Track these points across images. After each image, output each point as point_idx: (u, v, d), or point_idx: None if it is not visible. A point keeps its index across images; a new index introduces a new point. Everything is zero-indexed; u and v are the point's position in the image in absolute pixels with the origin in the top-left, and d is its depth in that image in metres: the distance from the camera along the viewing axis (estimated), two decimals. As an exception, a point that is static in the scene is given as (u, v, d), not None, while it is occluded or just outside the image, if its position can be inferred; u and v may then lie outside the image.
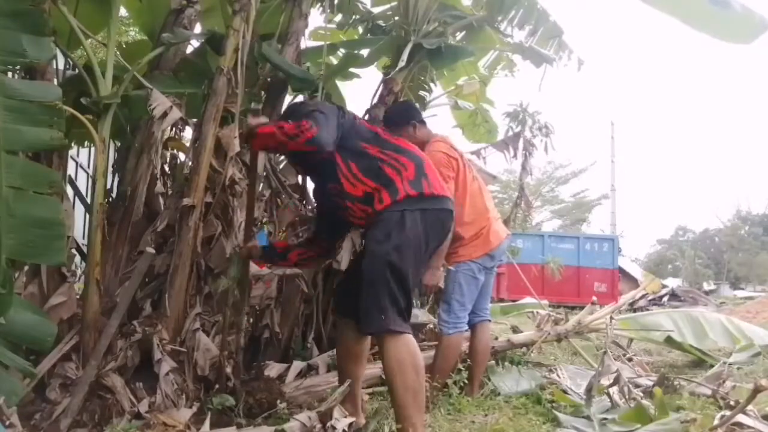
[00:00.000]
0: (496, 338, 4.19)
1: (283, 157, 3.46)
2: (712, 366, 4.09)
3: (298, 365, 3.09)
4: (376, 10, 4.28)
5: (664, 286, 16.65)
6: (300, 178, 3.61)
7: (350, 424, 2.25)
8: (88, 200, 2.78)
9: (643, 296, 14.26)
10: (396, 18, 4.12)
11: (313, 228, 2.86)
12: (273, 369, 3.02)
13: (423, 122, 3.22)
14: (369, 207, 2.27)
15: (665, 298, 14.37)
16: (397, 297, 2.15)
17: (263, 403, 2.58)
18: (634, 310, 12.60)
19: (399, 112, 3.24)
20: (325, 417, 2.18)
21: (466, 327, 3.23)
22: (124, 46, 3.77)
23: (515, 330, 4.73)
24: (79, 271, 2.90)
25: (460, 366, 3.12)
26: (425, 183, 2.27)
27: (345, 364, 2.50)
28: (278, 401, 2.58)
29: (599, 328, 4.26)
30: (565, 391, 3.31)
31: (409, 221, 2.20)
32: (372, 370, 2.97)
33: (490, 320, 3.44)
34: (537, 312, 5.04)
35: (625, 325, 4.64)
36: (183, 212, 2.68)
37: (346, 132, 2.32)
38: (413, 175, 2.27)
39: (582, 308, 4.70)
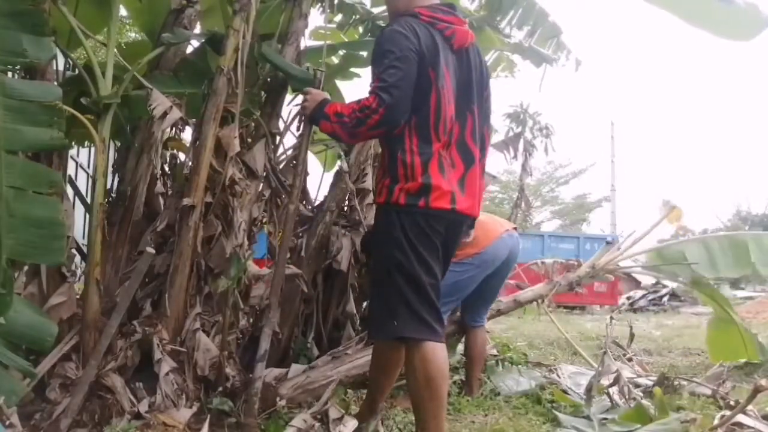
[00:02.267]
0: (499, 310, 3.85)
1: (283, 157, 3.45)
2: (712, 366, 4.09)
3: (299, 368, 3.08)
4: (376, 10, 4.28)
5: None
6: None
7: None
8: (88, 200, 2.78)
9: (643, 296, 14.26)
10: (396, 18, 4.11)
11: None
12: (273, 373, 3.00)
13: None
14: (376, 192, 2.20)
15: (665, 298, 14.34)
16: (410, 300, 2.03)
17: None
18: (635, 311, 12.60)
19: None
20: (323, 416, 2.18)
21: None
22: (124, 46, 3.77)
23: (520, 287, 4.19)
24: (79, 271, 2.89)
25: (456, 365, 3.13)
26: (423, 201, 2.07)
27: (375, 372, 2.38)
28: (277, 399, 2.58)
29: (614, 268, 4.00)
30: (565, 391, 3.31)
31: (407, 224, 2.06)
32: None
33: (483, 326, 3.44)
34: (542, 262, 4.49)
35: (650, 260, 4.26)
36: (183, 212, 2.67)
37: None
38: (416, 189, 2.07)
39: (582, 308, 4.68)
